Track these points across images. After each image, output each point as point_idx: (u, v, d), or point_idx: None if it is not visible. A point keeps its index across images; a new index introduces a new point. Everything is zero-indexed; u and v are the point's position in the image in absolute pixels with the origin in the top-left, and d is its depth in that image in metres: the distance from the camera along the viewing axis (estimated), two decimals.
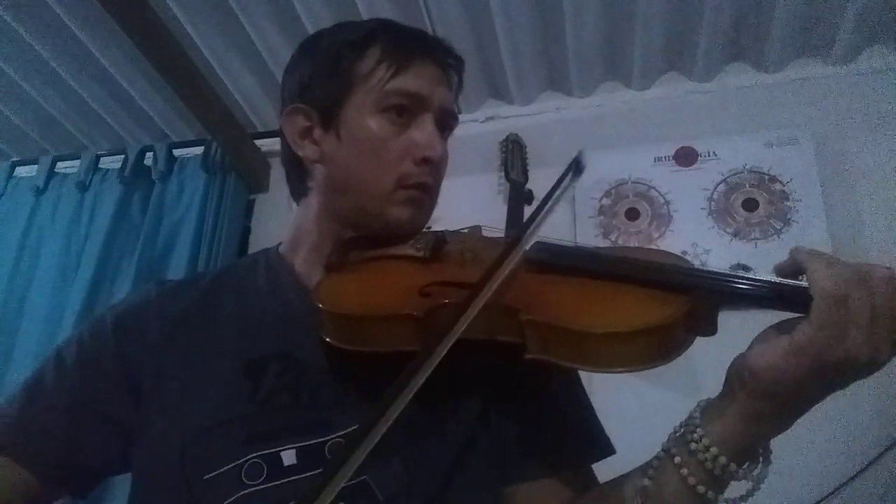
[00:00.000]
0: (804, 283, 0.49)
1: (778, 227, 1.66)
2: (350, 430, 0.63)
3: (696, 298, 0.54)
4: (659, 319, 0.52)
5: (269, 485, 0.60)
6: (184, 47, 1.77)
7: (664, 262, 0.61)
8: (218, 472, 0.60)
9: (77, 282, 2.01)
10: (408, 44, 0.74)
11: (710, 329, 0.57)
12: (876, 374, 0.50)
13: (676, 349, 0.53)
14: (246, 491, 0.59)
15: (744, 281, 0.54)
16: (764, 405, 0.51)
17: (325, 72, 0.74)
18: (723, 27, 1.72)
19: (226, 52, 1.91)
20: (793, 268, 0.52)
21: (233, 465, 0.61)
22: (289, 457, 0.61)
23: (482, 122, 2.05)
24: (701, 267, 0.59)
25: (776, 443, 0.55)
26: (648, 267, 0.61)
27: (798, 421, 0.54)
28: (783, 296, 0.51)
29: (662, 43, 1.81)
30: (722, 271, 0.56)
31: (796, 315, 0.50)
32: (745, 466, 0.53)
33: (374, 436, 0.43)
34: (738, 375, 0.52)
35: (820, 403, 0.53)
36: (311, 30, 1.74)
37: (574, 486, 0.69)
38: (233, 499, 0.59)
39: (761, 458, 0.54)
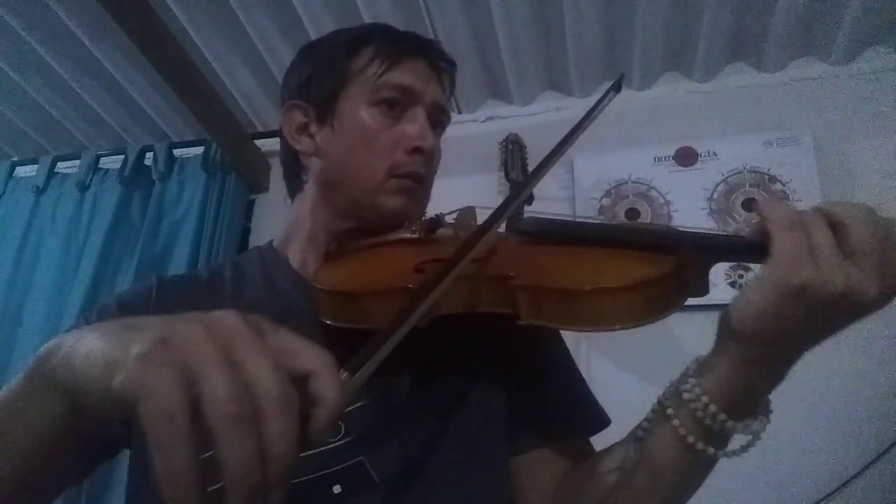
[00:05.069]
0: None
1: None
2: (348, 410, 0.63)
3: (684, 257, 0.56)
4: (647, 275, 0.53)
5: None
6: (184, 47, 1.77)
7: (653, 228, 0.62)
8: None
9: (77, 282, 2.01)
10: (401, 42, 0.77)
11: (700, 290, 0.58)
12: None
13: (667, 307, 0.54)
14: None
15: (723, 237, 0.56)
16: (752, 348, 0.50)
17: (321, 70, 0.78)
18: (723, 27, 1.72)
19: (226, 52, 1.91)
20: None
21: None
22: None
23: (482, 122, 2.05)
24: (688, 230, 0.60)
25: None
26: (637, 231, 0.62)
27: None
28: (753, 245, 0.51)
29: (662, 43, 1.81)
30: (706, 231, 0.58)
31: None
32: (744, 421, 0.52)
33: (392, 342, 0.43)
34: (724, 322, 0.52)
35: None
36: (311, 30, 1.74)
37: (571, 455, 0.71)
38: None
39: (760, 412, 0.54)
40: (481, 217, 0.72)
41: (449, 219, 0.75)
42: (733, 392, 0.52)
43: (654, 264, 0.54)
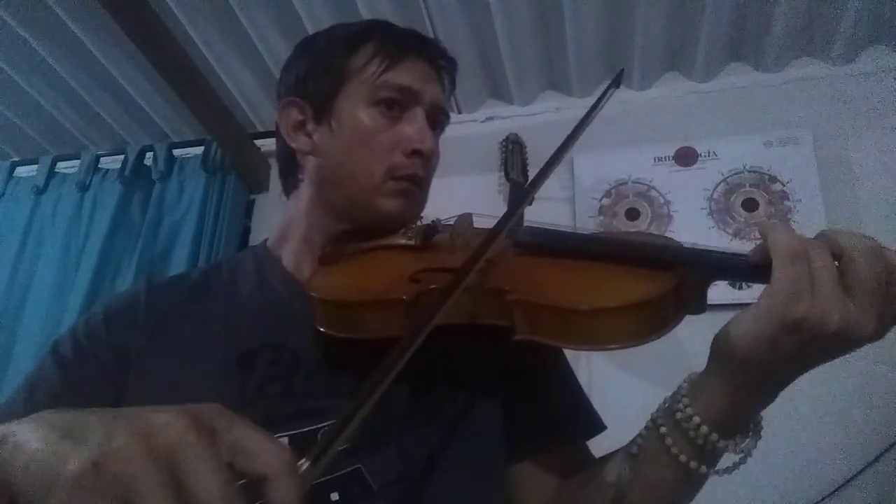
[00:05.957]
0: None
1: None
2: None
3: (683, 275, 0.55)
4: (645, 295, 0.52)
5: None
6: (184, 47, 1.78)
7: (652, 242, 0.62)
8: None
9: (77, 282, 2.01)
10: (401, 41, 0.75)
11: (699, 307, 0.57)
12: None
13: (664, 326, 0.53)
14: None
15: (724, 255, 0.55)
16: (745, 373, 0.51)
17: (319, 67, 0.76)
18: (723, 27, 1.72)
19: (226, 52, 1.91)
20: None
21: None
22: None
23: (482, 122, 2.05)
24: (688, 245, 0.59)
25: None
26: (636, 246, 0.61)
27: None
28: (756, 267, 0.51)
29: (662, 43, 1.81)
30: (707, 248, 0.57)
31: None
32: (734, 439, 0.53)
33: (359, 417, 0.41)
34: (718, 346, 0.53)
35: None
36: (310, 30, 1.74)
37: (568, 462, 0.71)
38: None
39: (751, 431, 0.54)
40: (478, 223, 0.71)
41: (446, 224, 0.74)
42: (724, 413, 0.53)
43: (653, 282, 0.54)
